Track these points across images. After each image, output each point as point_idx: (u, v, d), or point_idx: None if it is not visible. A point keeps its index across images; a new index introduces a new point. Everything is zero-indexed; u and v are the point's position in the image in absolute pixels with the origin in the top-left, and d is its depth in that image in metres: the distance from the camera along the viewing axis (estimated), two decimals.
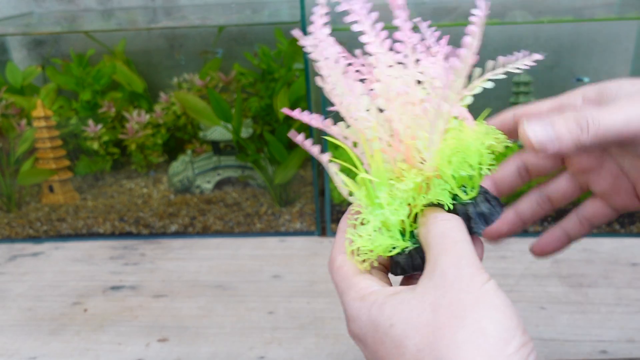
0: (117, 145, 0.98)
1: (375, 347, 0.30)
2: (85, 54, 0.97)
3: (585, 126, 0.33)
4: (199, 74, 0.97)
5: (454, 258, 0.29)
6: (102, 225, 0.92)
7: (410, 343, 0.28)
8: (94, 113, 0.96)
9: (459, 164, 0.33)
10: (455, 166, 0.34)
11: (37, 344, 0.65)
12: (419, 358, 0.28)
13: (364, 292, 0.32)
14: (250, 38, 1.02)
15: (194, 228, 0.91)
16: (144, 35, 1.02)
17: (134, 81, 0.97)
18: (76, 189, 0.98)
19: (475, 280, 0.28)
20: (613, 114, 0.32)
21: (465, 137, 0.34)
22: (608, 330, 0.62)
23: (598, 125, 0.32)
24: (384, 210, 0.33)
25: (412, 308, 0.29)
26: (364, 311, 0.31)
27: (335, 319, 0.66)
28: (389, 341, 0.29)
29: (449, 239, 0.31)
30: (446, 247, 0.30)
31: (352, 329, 0.32)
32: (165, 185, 0.98)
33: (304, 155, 0.90)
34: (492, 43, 0.97)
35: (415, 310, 0.29)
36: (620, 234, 0.85)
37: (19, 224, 0.93)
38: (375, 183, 0.34)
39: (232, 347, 0.62)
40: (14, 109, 0.95)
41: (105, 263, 0.83)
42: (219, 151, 0.96)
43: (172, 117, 0.97)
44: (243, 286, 0.75)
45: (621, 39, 0.98)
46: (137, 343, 0.64)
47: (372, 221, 0.34)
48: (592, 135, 0.33)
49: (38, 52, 1.06)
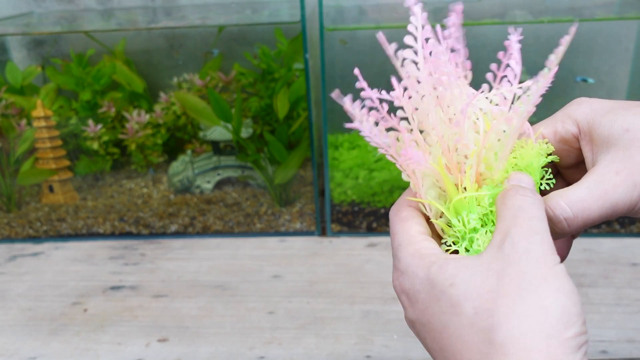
0: (117, 145, 0.98)
1: (428, 304, 0.30)
2: (85, 54, 0.97)
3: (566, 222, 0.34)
4: (199, 74, 0.97)
5: (528, 233, 0.29)
6: (102, 225, 0.92)
7: (468, 305, 0.28)
8: (94, 113, 0.96)
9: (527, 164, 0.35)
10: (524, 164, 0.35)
11: (37, 344, 0.65)
12: (473, 321, 0.27)
13: (424, 252, 0.31)
14: (250, 38, 1.02)
15: (194, 228, 0.91)
16: (144, 35, 1.02)
17: (134, 81, 0.97)
18: (76, 189, 0.98)
19: (547, 260, 0.28)
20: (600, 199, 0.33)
21: (527, 154, 0.36)
22: (608, 330, 0.62)
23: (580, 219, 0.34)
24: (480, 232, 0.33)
25: (476, 272, 0.28)
26: (422, 269, 0.30)
27: (335, 319, 0.66)
28: (446, 299, 0.29)
29: (525, 214, 0.30)
30: (520, 221, 0.29)
31: (401, 282, 0.32)
32: (165, 185, 0.98)
33: (304, 155, 0.90)
34: (492, 43, 0.97)
35: (479, 275, 0.28)
36: (620, 234, 0.85)
37: (19, 224, 0.93)
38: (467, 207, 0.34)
39: (232, 347, 0.62)
40: (14, 109, 0.95)
41: (105, 263, 0.83)
42: (219, 151, 0.96)
43: (172, 117, 0.97)
44: (243, 286, 0.75)
45: (621, 38, 0.97)
46: (137, 343, 0.64)
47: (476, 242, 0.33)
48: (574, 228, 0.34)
49: (38, 52, 1.06)
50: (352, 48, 0.99)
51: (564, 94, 1.00)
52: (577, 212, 0.33)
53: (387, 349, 0.61)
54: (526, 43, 1.00)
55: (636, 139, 0.34)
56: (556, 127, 0.40)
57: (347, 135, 0.97)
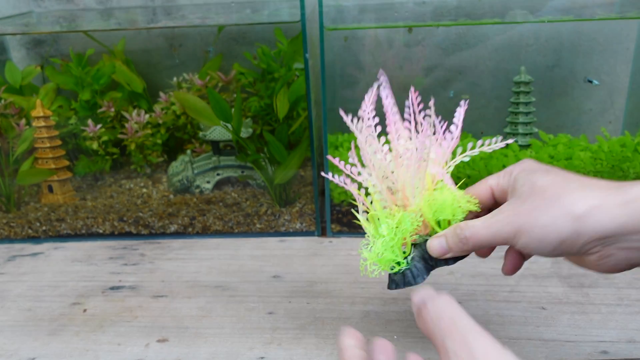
0: (116, 145, 0.98)
1: None
2: (85, 54, 0.96)
3: (465, 241, 0.49)
4: (199, 74, 0.97)
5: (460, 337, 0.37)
6: (102, 226, 0.92)
7: None
8: (93, 113, 0.96)
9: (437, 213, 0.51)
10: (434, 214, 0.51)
11: (36, 344, 0.64)
12: None
13: None
14: (250, 38, 1.02)
15: (194, 228, 0.91)
16: (143, 34, 1.02)
17: (134, 81, 0.96)
18: (75, 189, 0.98)
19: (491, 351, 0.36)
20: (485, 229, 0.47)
21: (444, 196, 0.50)
22: (609, 331, 0.62)
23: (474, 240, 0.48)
24: (385, 238, 0.50)
25: None
26: None
27: (336, 319, 0.66)
28: None
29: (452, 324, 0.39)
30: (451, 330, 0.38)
31: None
32: (165, 186, 0.97)
33: (304, 155, 0.89)
34: (492, 43, 0.97)
35: None
36: None
37: (18, 224, 0.92)
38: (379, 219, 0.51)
39: (232, 347, 0.62)
40: (13, 108, 0.95)
41: (104, 263, 0.83)
42: (219, 151, 0.95)
43: (171, 117, 0.97)
44: (243, 286, 0.75)
45: (622, 38, 0.97)
46: (136, 343, 0.64)
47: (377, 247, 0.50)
48: (471, 246, 0.49)
49: (37, 51, 1.05)
50: (352, 48, 0.98)
51: (565, 94, 1.00)
52: (470, 235, 0.48)
53: None
54: (526, 43, 1.00)
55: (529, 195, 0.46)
56: (499, 180, 0.52)
57: (347, 135, 0.97)
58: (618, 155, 0.83)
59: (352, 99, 0.99)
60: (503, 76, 0.98)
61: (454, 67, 0.99)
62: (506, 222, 0.46)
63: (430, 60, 0.99)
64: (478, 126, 1.01)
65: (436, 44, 0.98)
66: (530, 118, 0.89)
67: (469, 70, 0.99)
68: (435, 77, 1.00)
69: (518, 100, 0.89)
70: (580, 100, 1.01)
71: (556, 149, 0.86)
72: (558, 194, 0.45)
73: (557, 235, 0.44)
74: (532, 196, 0.46)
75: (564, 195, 0.45)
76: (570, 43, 0.97)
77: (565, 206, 0.44)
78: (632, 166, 0.82)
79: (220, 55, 1.00)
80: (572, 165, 0.83)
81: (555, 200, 0.45)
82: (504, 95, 0.94)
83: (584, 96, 1.00)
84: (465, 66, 0.99)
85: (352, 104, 0.98)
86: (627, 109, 1.00)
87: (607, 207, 0.43)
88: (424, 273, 0.53)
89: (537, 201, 0.46)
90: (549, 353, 0.59)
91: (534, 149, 0.88)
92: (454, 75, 0.99)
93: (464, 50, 0.98)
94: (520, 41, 0.96)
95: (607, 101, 1.01)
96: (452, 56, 0.98)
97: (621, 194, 0.43)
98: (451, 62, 0.99)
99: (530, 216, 0.45)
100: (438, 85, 1.00)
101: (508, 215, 0.47)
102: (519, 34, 0.95)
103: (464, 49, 0.98)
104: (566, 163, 0.83)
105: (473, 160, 0.85)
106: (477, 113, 1.02)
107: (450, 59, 0.99)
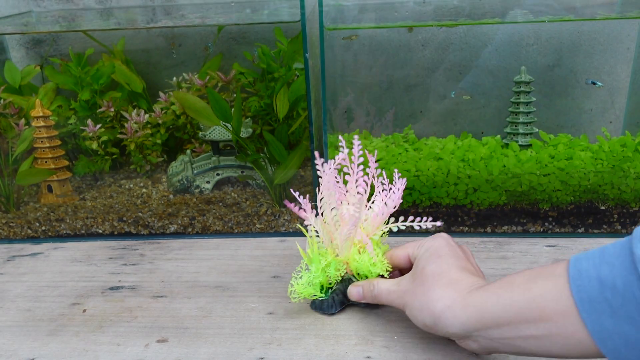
0: (116, 145, 0.98)
1: None
2: (84, 54, 0.96)
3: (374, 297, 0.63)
4: (198, 74, 0.97)
5: None
6: (101, 226, 0.92)
7: None
8: (93, 113, 0.96)
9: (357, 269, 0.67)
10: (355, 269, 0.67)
11: (35, 344, 0.64)
12: None
13: None
14: (250, 37, 1.02)
15: (194, 228, 0.91)
16: (143, 34, 1.02)
17: (133, 81, 0.96)
18: (75, 189, 0.98)
19: None
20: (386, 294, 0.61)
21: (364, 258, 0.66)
22: None
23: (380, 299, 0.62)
24: (312, 274, 0.66)
25: None
26: None
27: (335, 319, 0.66)
28: None
29: None
30: None
31: None
32: (165, 186, 0.97)
33: (304, 155, 0.89)
34: (492, 43, 0.97)
35: None
36: (621, 234, 0.85)
37: (17, 224, 0.92)
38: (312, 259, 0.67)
39: (232, 347, 0.62)
40: (13, 108, 0.94)
41: (104, 263, 0.83)
42: (219, 151, 0.95)
43: (171, 117, 0.97)
44: (243, 286, 0.75)
45: (622, 38, 0.97)
46: (136, 344, 0.63)
47: (305, 278, 0.66)
48: (376, 298, 0.63)
49: (36, 51, 1.05)
50: (352, 48, 0.98)
51: (566, 94, 1.00)
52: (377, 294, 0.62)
53: (387, 349, 0.60)
54: (527, 43, 1.00)
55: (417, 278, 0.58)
56: (414, 250, 0.63)
57: (346, 135, 0.97)
58: (619, 155, 0.83)
59: (352, 99, 0.99)
60: (503, 76, 0.98)
61: (454, 67, 0.99)
62: (398, 295, 0.59)
63: (431, 60, 0.99)
64: (478, 126, 1.01)
65: (436, 44, 0.98)
66: (531, 118, 0.89)
67: (469, 70, 0.99)
68: (435, 77, 0.99)
69: (518, 100, 0.88)
70: (581, 100, 1.01)
71: (557, 149, 0.86)
72: (429, 287, 0.55)
73: (422, 320, 0.55)
74: (417, 280, 0.57)
75: (432, 289, 0.55)
76: (571, 43, 0.97)
77: (429, 301, 0.54)
78: (632, 166, 0.82)
79: (220, 55, 0.99)
80: (573, 165, 0.83)
81: (427, 292, 0.55)
82: (505, 95, 0.94)
83: (584, 96, 1.00)
84: (465, 66, 0.99)
85: (352, 104, 0.98)
86: (628, 108, 1.00)
87: (454, 309, 0.52)
88: (339, 306, 0.66)
89: (418, 288, 0.57)
90: None
91: (534, 148, 0.87)
92: (454, 75, 0.99)
93: (464, 50, 0.98)
94: (520, 41, 0.96)
95: (607, 101, 1.01)
96: (452, 56, 0.98)
97: (467, 296, 0.52)
98: (451, 62, 0.99)
99: (411, 297, 0.57)
100: (438, 85, 1.00)
101: (400, 290, 0.59)
102: (519, 33, 0.95)
103: (464, 49, 0.98)
104: (567, 163, 0.83)
105: (473, 160, 0.85)
106: (477, 113, 1.01)
107: (451, 59, 0.98)
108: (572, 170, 0.83)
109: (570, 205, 0.85)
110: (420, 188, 0.85)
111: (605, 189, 0.83)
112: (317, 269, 0.66)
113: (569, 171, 0.83)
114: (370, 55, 0.98)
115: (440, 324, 0.53)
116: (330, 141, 0.87)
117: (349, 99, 0.98)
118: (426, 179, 0.85)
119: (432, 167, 0.85)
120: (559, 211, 0.85)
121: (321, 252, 0.67)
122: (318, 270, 0.66)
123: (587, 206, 0.84)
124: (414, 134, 0.95)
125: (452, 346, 0.60)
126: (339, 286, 0.67)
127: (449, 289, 0.54)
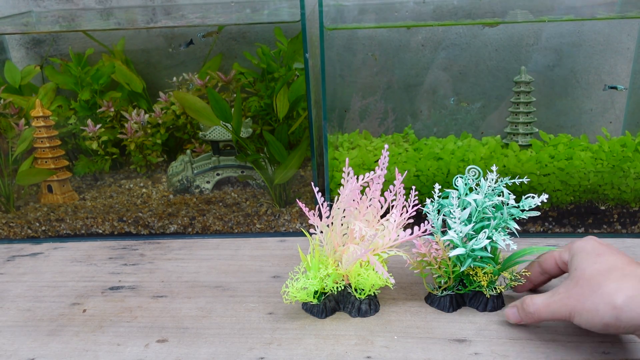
0: (116, 145, 0.98)
1: None
2: (84, 54, 0.96)
3: (530, 316, 0.60)
4: (198, 74, 0.97)
5: None
6: (101, 226, 0.92)
7: None
8: (93, 113, 0.96)
9: (358, 284, 0.66)
10: (355, 283, 0.66)
11: (35, 344, 0.64)
12: None
13: None
14: (250, 37, 1.02)
15: (194, 228, 0.91)
16: (143, 34, 1.02)
17: (133, 81, 0.96)
18: (75, 189, 0.98)
19: None
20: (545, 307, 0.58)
21: (369, 274, 0.65)
22: None
23: (537, 316, 0.59)
24: (308, 280, 0.65)
25: None
26: None
27: (335, 320, 0.66)
28: None
29: None
30: None
31: None
32: (165, 186, 0.97)
33: (304, 155, 0.89)
34: (492, 42, 0.97)
35: None
36: (621, 234, 0.85)
37: (17, 224, 0.92)
38: (312, 266, 0.66)
39: (232, 347, 0.62)
40: (13, 108, 0.94)
41: (104, 263, 0.83)
42: (219, 151, 0.95)
43: (171, 117, 0.97)
44: (243, 286, 0.75)
45: (622, 38, 0.97)
46: (136, 344, 0.63)
47: (301, 282, 0.65)
48: (535, 320, 0.60)
49: (37, 51, 1.05)
50: (352, 48, 0.98)
51: (566, 94, 1.00)
52: (533, 312, 0.59)
53: (387, 349, 0.60)
54: (527, 42, 1.00)
55: (579, 279, 0.56)
56: (561, 255, 0.63)
57: (346, 135, 0.97)
58: (619, 155, 0.83)
59: (351, 99, 0.99)
60: (503, 76, 0.98)
61: (455, 67, 0.99)
62: (561, 304, 0.56)
63: (431, 60, 0.99)
64: (478, 126, 1.01)
65: (437, 43, 0.98)
66: (531, 118, 0.89)
67: (469, 70, 0.98)
68: (435, 77, 0.99)
69: (518, 100, 0.88)
70: (581, 100, 1.00)
71: (557, 149, 0.86)
72: (599, 284, 0.53)
73: (600, 320, 0.53)
74: (581, 281, 0.55)
75: (604, 284, 0.53)
76: (571, 43, 0.97)
77: (605, 296, 0.52)
78: (632, 166, 0.82)
79: (220, 55, 0.99)
80: (573, 165, 0.82)
81: (598, 289, 0.53)
82: (505, 95, 0.94)
83: (584, 96, 1.00)
84: (465, 66, 0.99)
85: (351, 104, 0.98)
86: (628, 109, 1.00)
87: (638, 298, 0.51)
88: (330, 312, 0.67)
89: (584, 287, 0.55)
90: (550, 353, 0.59)
91: (534, 148, 0.87)
92: (454, 75, 0.99)
93: (464, 50, 0.98)
94: (520, 41, 0.96)
95: (607, 101, 1.01)
96: (452, 56, 0.98)
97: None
98: (451, 61, 0.98)
99: (578, 301, 0.55)
100: (438, 84, 1.00)
101: (562, 298, 0.57)
102: (520, 33, 0.95)
103: (464, 49, 0.98)
104: (567, 163, 0.83)
105: (473, 160, 0.85)
106: (478, 113, 1.01)
107: (451, 59, 0.98)
108: (572, 170, 0.83)
109: (570, 205, 0.85)
110: (421, 188, 0.85)
111: (605, 189, 0.83)
112: (314, 276, 0.65)
113: (569, 171, 0.83)
114: (369, 55, 0.98)
115: (624, 317, 0.51)
116: (330, 141, 0.87)
117: (349, 99, 0.98)
118: (426, 179, 0.85)
119: (432, 167, 0.85)
120: (559, 211, 0.85)
121: (322, 259, 0.67)
122: (316, 277, 0.65)
123: (587, 206, 0.84)
124: (414, 134, 0.95)
125: (452, 346, 0.60)
126: (333, 294, 0.68)
127: (627, 281, 0.52)
